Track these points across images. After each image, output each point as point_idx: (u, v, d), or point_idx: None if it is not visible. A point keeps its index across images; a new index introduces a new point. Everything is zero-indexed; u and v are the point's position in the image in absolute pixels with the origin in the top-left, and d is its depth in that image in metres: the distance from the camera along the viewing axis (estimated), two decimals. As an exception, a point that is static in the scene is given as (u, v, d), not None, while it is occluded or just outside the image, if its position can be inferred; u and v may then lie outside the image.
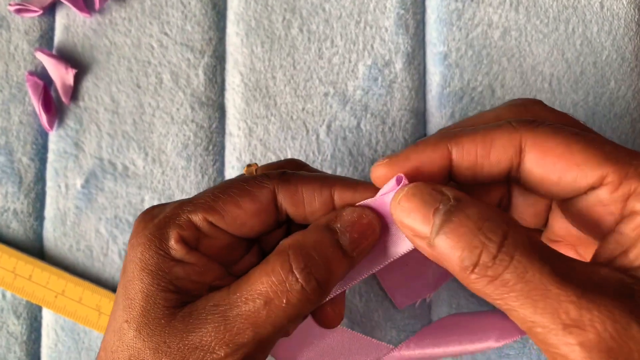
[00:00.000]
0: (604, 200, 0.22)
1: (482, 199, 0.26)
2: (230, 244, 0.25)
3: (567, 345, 0.19)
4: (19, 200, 0.36)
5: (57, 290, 0.35)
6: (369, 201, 0.24)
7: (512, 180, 0.24)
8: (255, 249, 0.27)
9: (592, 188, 0.22)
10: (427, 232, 0.21)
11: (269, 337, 0.23)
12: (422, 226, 0.21)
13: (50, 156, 0.36)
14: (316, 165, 0.36)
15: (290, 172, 0.25)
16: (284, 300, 0.22)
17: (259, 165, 0.27)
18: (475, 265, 0.20)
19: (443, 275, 0.33)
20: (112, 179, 0.36)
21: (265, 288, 0.22)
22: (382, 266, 0.25)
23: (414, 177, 0.23)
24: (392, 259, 0.25)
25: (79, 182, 0.36)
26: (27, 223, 0.36)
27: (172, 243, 0.23)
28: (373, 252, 0.25)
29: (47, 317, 0.35)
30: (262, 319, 0.22)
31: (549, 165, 0.22)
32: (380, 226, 0.24)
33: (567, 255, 0.21)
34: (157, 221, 0.24)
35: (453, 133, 0.24)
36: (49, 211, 0.36)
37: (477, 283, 0.20)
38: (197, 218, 0.24)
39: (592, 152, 0.22)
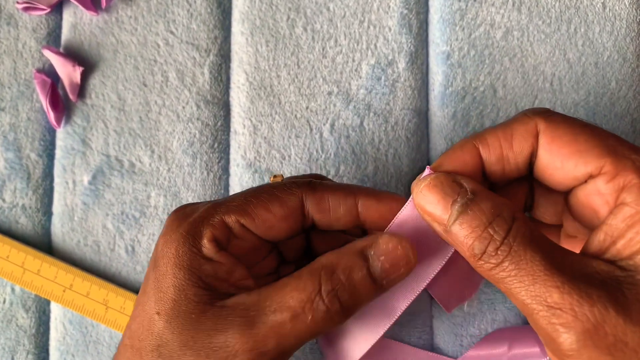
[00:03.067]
0: (601, 190, 0.24)
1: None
2: (256, 246, 0.26)
3: (550, 324, 0.21)
4: (28, 196, 0.37)
5: (65, 285, 0.35)
6: (405, 210, 0.26)
7: (533, 168, 0.26)
8: (275, 253, 0.29)
9: (591, 177, 0.24)
10: (445, 219, 0.23)
11: (291, 348, 0.24)
12: (441, 214, 0.23)
13: (58, 153, 0.37)
14: (319, 164, 0.36)
15: (317, 181, 0.27)
16: (310, 317, 0.23)
17: (284, 177, 0.29)
18: (483, 253, 0.22)
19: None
20: (118, 176, 0.37)
21: (295, 303, 0.23)
22: (429, 279, 0.26)
23: None
24: (436, 270, 0.26)
25: (86, 179, 0.37)
26: (36, 218, 0.37)
27: (205, 242, 0.24)
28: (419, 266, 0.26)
29: (56, 310, 0.36)
30: (287, 331, 0.23)
31: (555, 150, 0.24)
32: (415, 258, 0.25)
33: (566, 248, 0.23)
34: (191, 220, 0.25)
35: (475, 134, 0.26)
36: (56, 207, 0.37)
37: (482, 268, 0.23)
38: (230, 220, 0.25)
39: (594, 142, 0.24)
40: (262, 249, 0.27)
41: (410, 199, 0.26)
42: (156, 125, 0.37)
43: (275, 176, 0.29)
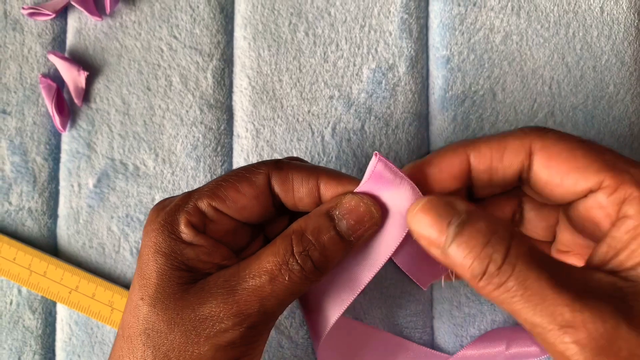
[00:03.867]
0: (602, 203, 0.24)
1: (495, 214, 0.28)
2: (234, 228, 0.27)
3: (564, 343, 0.21)
4: (34, 199, 0.37)
5: (71, 287, 0.36)
6: (363, 186, 0.26)
7: (523, 183, 0.27)
8: (261, 237, 0.30)
9: (591, 191, 0.24)
10: (441, 242, 0.23)
11: (273, 309, 0.25)
12: (437, 237, 0.23)
13: (63, 156, 0.38)
14: (321, 166, 0.37)
15: (284, 160, 0.28)
16: (287, 278, 0.25)
17: None
18: (484, 274, 0.22)
19: None
20: (123, 179, 0.37)
21: (271, 266, 0.25)
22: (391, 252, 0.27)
23: (436, 181, 0.26)
24: (398, 241, 0.27)
25: (91, 182, 0.37)
26: (42, 221, 0.37)
27: (182, 227, 0.26)
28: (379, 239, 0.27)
29: (62, 312, 0.37)
30: (267, 293, 0.25)
31: (554, 167, 0.25)
32: (380, 212, 0.26)
33: (567, 263, 0.23)
34: (168, 209, 0.26)
35: (471, 140, 0.26)
36: (62, 210, 0.37)
37: (485, 289, 0.22)
38: (203, 204, 0.26)
39: (592, 158, 0.24)
40: (243, 231, 0.28)
41: (367, 175, 0.26)
42: (160, 129, 0.37)
43: None
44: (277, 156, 0.37)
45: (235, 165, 0.37)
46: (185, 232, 0.26)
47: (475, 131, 0.37)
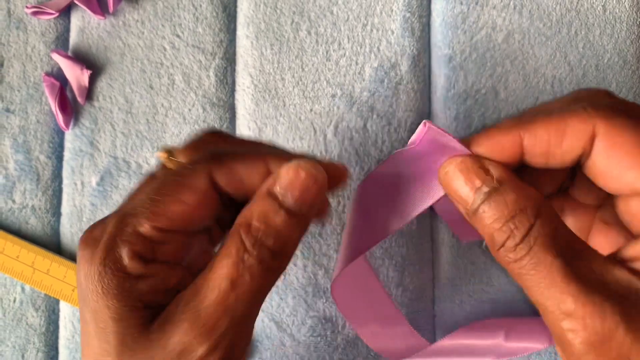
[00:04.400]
0: None
1: (543, 182, 0.28)
2: (185, 241, 0.24)
3: (563, 329, 0.22)
4: (37, 197, 0.37)
5: (74, 284, 0.36)
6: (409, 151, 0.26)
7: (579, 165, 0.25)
8: (215, 231, 0.27)
9: None
10: (469, 202, 0.23)
11: (245, 317, 0.22)
12: (466, 197, 0.24)
13: (67, 154, 0.38)
14: (323, 165, 0.37)
15: (221, 151, 0.24)
16: (248, 277, 0.22)
17: (174, 149, 0.25)
18: (502, 245, 0.22)
19: None
20: (126, 177, 0.37)
21: (227, 270, 0.22)
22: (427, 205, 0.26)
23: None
24: (434, 199, 0.26)
25: (94, 180, 0.37)
26: (45, 219, 0.37)
27: (127, 262, 0.22)
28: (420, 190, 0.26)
29: (65, 309, 0.37)
30: (233, 301, 0.22)
31: (614, 159, 0.23)
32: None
33: (592, 249, 0.23)
34: (103, 242, 0.22)
35: (527, 119, 0.24)
36: (65, 208, 0.38)
37: (501, 259, 0.23)
38: (143, 228, 0.22)
39: None
40: (194, 239, 0.25)
41: (415, 140, 0.25)
42: (163, 128, 0.37)
43: (166, 151, 0.25)
44: (279, 154, 0.37)
45: (237, 164, 0.37)
46: (131, 266, 0.22)
47: (478, 129, 0.37)
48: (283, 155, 0.24)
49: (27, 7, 0.38)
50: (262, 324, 0.36)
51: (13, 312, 0.37)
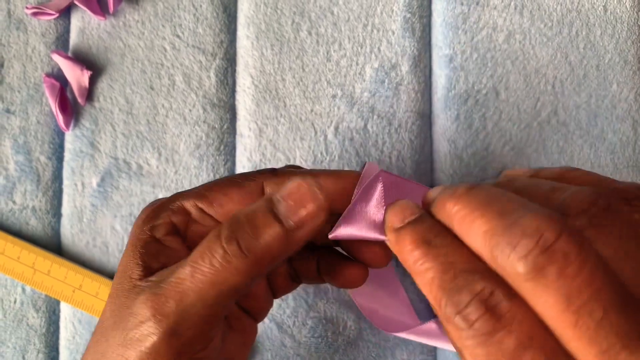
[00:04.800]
0: None
1: None
2: None
3: None
4: (37, 198, 0.37)
5: (75, 285, 0.36)
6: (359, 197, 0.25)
7: None
8: None
9: None
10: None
11: (194, 309, 0.22)
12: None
13: (67, 155, 0.38)
14: (324, 166, 0.37)
15: (281, 168, 0.27)
16: (207, 264, 0.22)
17: None
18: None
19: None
20: (126, 178, 0.37)
21: (195, 255, 0.22)
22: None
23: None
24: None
25: (94, 181, 0.37)
26: (45, 220, 0.37)
27: (160, 222, 0.25)
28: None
29: (65, 310, 0.37)
30: (187, 286, 0.22)
31: None
32: (325, 197, 0.23)
33: None
34: (155, 206, 0.26)
35: None
36: (66, 209, 0.37)
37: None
38: (189, 204, 0.25)
39: None
40: None
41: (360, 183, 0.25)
42: (163, 128, 0.37)
43: None
44: (280, 155, 0.37)
45: (238, 164, 0.37)
46: (160, 229, 0.25)
47: (478, 130, 0.37)
48: (333, 173, 0.26)
49: (27, 7, 0.38)
50: (263, 324, 0.36)
51: (14, 313, 0.37)
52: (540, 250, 0.17)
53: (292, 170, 0.26)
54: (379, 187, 0.25)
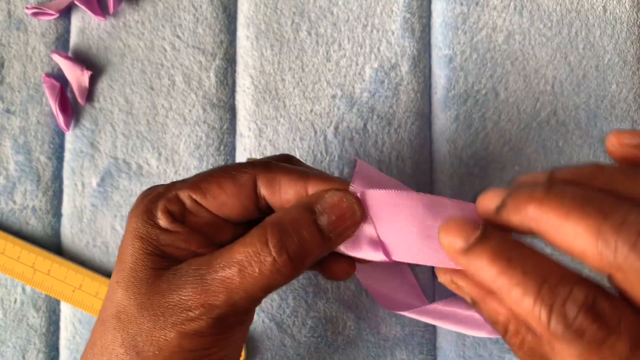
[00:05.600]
0: None
1: None
2: (213, 222, 0.27)
3: None
4: (37, 198, 0.37)
5: (75, 285, 0.36)
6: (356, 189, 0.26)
7: None
8: (239, 229, 0.28)
9: None
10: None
11: (241, 302, 0.24)
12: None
13: (67, 155, 0.38)
14: (324, 166, 0.37)
15: (274, 162, 0.27)
16: (257, 270, 0.24)
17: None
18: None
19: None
20: (126, 178, 0.37)
21: (242, 257, 0.24)
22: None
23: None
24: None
25: (94, 181, 0.37)
26: (45, 220, 0.37)
27: (160, 214, 0.26)
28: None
29: (65, 310, 0.37)
30: (236, 285, 0.24)
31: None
32: (361, 211, 0.25)
33: None
34: (150, 196, 0.26)
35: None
36: (66, 208, 0.38)
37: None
38: (183, 195, 0.26)
39: None
40: (225, 227, 0.27)
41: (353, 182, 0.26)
42: (163, 128, 0.37)
43: (249, 160, 0.29)
44: (279, 155, 0.37)
45: (238, 165, 0.38)
46: (162, 218, 0.26)
47: (478, 130, 0.37)
48: (323, 177, 0.26)
49: (27, 7, 0.38)
50: (263, 324, 0.36)
51: (14, 312, 0.37)
52: (595, 319, 0.18)
53: (284, 165, 0.27)
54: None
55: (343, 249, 0.26)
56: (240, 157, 0.37)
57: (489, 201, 0.22)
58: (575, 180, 0.21)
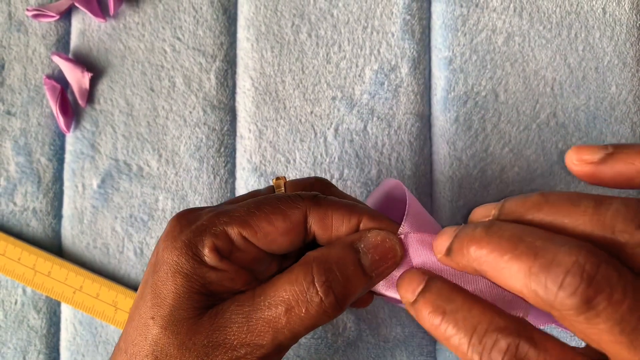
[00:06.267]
0: None
1: None
2: (259, 257, 0.26)
3: None
4: (38, 200, 0.37)
5: (75, 287, 0.36)
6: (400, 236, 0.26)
7: None
8: (277, 259, 0.29)
9: None
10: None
11: (286, 342, 0.24)
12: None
13: (68, 157, 0.38)
14: (324, 167, 0.37)
15: (322, 196, 0.26)
16: (304, 310, 0.24)
17: (287, 179, 0.28)
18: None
19: None
20: (127, 179, 0.37)
21: (288, 296, 0.24)
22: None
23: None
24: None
25: (95, 182, 0.37)
26: (46, 221, 0.38)
27: (207, 251, 0.24)
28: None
29: (66, 311, 0.37)
30: (282, 325, 0.24)
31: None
32: (402, 252, 0.25)
33: None
34: (194, 228, 0.25)
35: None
36: (66, 210, 0.38)
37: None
38: (233, 231, 0.25)
39: None
40: (265, 258, 0.27)
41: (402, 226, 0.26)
42: (164, 130, 0.38)
43: (278, 178, 0.28)
44: (280, 157, 0.37)
45: (238, 166, 0.38)
46: (209, 255, 0.24)
47: (478, 132, 0.37)
48: (377, 216, 0.26)
49: (27, 9, 0.38)
50: (263, 326, 0.36)
51: (14, 314, 0.37)
52: (587, 284, 0.18)
53: (333, 199, 0.26)
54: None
55: (377, 287, 0.26)
56: (241, 158, 0.37)
57: (440, 245, 0.23)
58: (521, 212, 0.22)
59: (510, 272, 0.20)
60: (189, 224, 0.25)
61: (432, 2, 0.38)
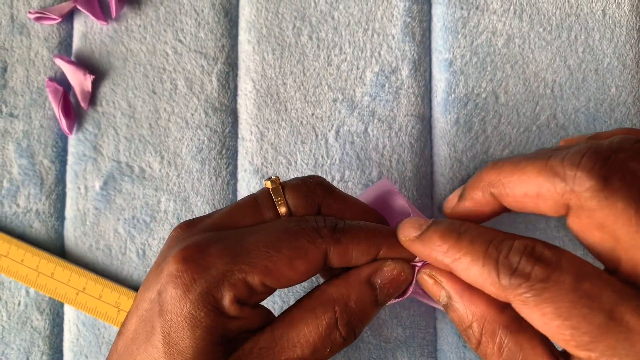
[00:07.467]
0: None
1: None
2: (273, 292, 0.26)
3: None
4: (41, 202, 0.38)
5: (78, 288, 0.37)
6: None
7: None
8: None
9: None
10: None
11: None
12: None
13: (70, 159, 0.38)
14: (325, 169, 0.37)
15: (341, 226, 0.26)
16: (328, 350, 0.24)
17: (280, 179, 0.27)
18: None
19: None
20: (129, 181, 0.38)
21: (314, 339, 0.24)
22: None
23: (468, 216, 0.26)
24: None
25: (97, 184, 0.38)
26: (49, 223, 0.38)
27: (228, 303, 0.23)
28: None
29: (69, 313, 0.37)
30: None
31: (585, 239, 0.23)
32: (413, 278, 0.26)
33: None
34: (210, 278, 0.23)
35: (501, 183, 0.24)
36: (69, 212, 0.38)
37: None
38: (253, 280, 0.24)
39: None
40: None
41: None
42: (165, 132, 0.38)
43: (271, 180, 0.27)
44: (281, 159, 0.37)
45: (239, 168, 0.38)
46: (230, 307, 0.23)
47: (478, 134, 0.37)
48: (395, 246, 0.26)
49: (30, 12, 0.38)
50: (265, 326, 0.36)
51: (18, 315, 0.37)
52: (602, 161, 0.20)
53: (354, 232, 0.26)
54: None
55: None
56: (242, 160, 0.38)
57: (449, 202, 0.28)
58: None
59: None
60: (198, 268, 0.23)
61: (433, 4, 0.38)
